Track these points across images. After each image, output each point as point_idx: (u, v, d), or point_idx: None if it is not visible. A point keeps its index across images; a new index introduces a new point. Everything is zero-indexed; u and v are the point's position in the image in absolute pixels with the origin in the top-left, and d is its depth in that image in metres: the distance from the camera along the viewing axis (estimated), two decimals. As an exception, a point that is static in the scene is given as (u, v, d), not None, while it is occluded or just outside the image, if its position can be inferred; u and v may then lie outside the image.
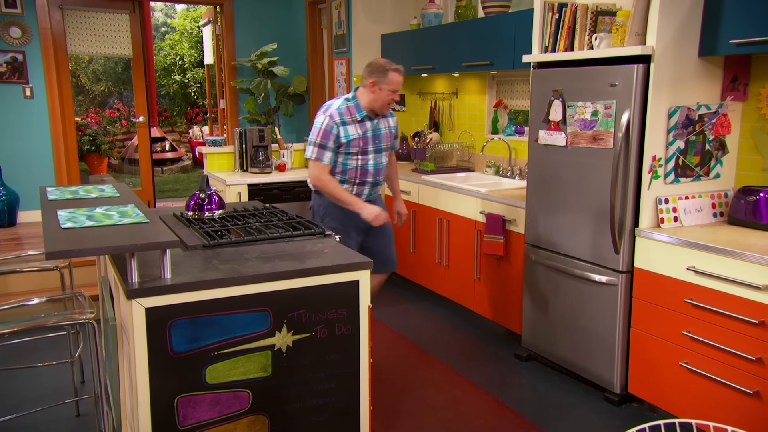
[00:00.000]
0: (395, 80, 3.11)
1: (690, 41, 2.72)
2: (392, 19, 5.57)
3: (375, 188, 3.31)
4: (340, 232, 2.97)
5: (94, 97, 12.19)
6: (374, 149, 3.23)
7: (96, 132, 9.08)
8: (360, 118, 3.15)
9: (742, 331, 2.39)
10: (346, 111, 3.14)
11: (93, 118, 9.59)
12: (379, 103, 3.12)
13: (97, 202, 2.66)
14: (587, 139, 2.97)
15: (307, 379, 2.25)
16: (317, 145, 3.12)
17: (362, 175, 3.22)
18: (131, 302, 1.92)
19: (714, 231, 2.72)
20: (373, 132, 3.21)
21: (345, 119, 3.13)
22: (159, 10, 12.47)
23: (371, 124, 3.20)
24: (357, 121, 3.15)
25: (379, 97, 3.11)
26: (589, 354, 3.08)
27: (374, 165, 3.24)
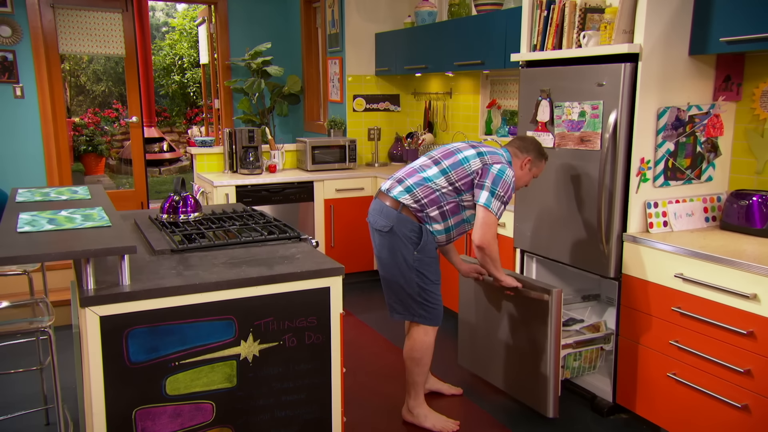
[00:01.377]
0: (543, 168, 2.88)
1: (680, 39, 2.62)
2: (386, 18, 5.48)
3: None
4: (435, 263, 2.73)
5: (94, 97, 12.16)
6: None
7: (93, 132, 9.03)
8: None
9: (731, 341, 2.28)
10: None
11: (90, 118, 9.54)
12: (522, 182, 2.82)
13: (65, 204, 2.58)
14: (575, 141, 2.87)
15: (274, 390, 2.17)
16: (503, 201, 2.63)
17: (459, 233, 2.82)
18: (85, 310, 1.84)
19: (705, 236, 2.61)
20: None
21: None
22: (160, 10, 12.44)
23: None
24: None
25: (524, 176, 2.80)
26: (577, 362, 2.98)
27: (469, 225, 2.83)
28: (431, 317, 2.79)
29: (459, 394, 3.14)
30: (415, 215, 2.71)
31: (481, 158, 2.68)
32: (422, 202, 2.69)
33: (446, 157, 2.74)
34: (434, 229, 2.72)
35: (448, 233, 2.76)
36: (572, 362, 2.88)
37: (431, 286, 2.75)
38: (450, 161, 2.71)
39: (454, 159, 2.71)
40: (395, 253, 2.71)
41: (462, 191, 2.69)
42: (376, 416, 2.99)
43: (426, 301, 2.76)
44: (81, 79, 11.92)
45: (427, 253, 2.71)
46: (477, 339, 3.12)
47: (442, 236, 2.76)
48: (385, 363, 3.54)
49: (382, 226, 2.73)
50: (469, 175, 2.67)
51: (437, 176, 2.69)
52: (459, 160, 2.70)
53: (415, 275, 2.72)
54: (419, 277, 2.71)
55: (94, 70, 11.93)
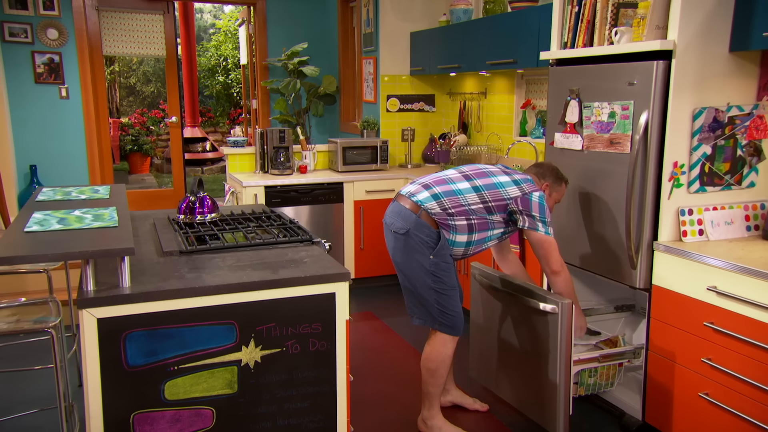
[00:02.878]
0: (564, 192, 2.83)
1: (719, 35, 2.44)
2: (422, 17, 5.38)
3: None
4: (452, 269, 2.65)
5: (144, 98, 12.44)
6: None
7: (139, 132, 9.23)
8: None
9: (766, 361, 2.11)
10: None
11: (137, 118, 9.76)
12: (552, 203, 2.78)
13: (82, 204, 2.59)
14: (604, 143, 2.72)
15: (277, 398, 2.11)
16: (550, 225, 2.62)
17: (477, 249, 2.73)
18: (82, 312, 1.82)
19: (744, 247, 2.43)
20: None
21: None
22: (208, 12, 12.64)
23: None
24: None
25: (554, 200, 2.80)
26: (605, 377, 2.82)
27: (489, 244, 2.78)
28: (450, 325, 2.69)
29: (484, 411, 3.01)
30: (434, 221, 2.62)
31: (518, 186, 2.63)
32: (450, 210, 2.61)
33: (479, 177, 2.69)
34: (455, 240, 2.63)
35: (467, 247, 2.66)
36: (587, 379, 2.73)
37: (448, 292, 2.65)
38: (483, 181, 2.67)
39: (488, 181, 2.67)
40: (411, 257, 2.65)
41: (494, 212, 2.64)
42: (390, 426, 2.90)
43: (444, 308, 2.66)
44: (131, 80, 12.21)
45: (443, 258, 2.62)
46: (487, 350, 2.99)
47: (460, 249, 2.66)
48: (407, 370, 3.45)
49: (399, 228, 2.66)
50: (505, 200, 2.63)
51: (468, 191, 2.63)
52: (494, 183, 2.66)
53: (431, 280, 2.63)
54: (436, 283, 2.63)
55: (144, 72, 12.21)
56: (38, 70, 5.90)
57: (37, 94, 5.92)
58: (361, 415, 2.98)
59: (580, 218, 2.91)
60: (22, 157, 5.94)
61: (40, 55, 5.88)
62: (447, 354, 2.72)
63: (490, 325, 2.95)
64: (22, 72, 5.84)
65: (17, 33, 5.80)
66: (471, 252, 2.70)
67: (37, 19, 5.82)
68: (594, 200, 2.82)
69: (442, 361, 2.72)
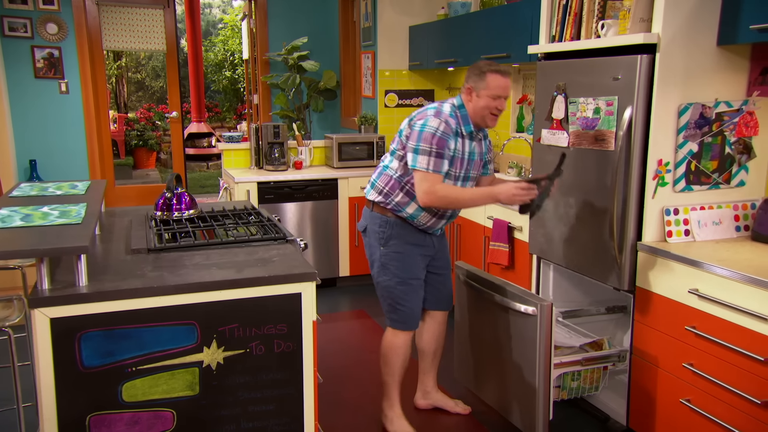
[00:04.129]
0: (496, 84, 2.49)
1: (707, 27, 2.35)
2: (421, 10, 5.30)
3: (450, 219, 2.72)
4: (407, 259, 2.62)
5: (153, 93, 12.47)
6: (464, 176, 2.61)
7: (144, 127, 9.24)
8: (466, 133, 2.57)
9: (747, 368, 2.02)
10: (456, 121, 2.55)
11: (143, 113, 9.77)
12: (478, 115, 2.54)
13: (55, 200, 2.56)
14: (589, 140, 2.64)
15: (241, 400, 2.06)
16: (433, 154, 2.45)
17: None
18: (34, 312, 1.78)
19: (730, 248, 2.34)
20: (470, 155, 2.61)
21: (457, 130, 2.54)
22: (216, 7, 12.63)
23: (470, 144, 2.61)
24: (462, 136, 2.57)
25: (476, 106, 2.53)
26: (589, 380, 2.75)
27: None
28: (398, 319, 2.69)
29: (465, 414, 2.94)
30: (385, 210, 2.64)
31: (410, 122, 2.57)
32: (385, 191, 2.63)
33: (394, 140, 2.66)
34: (410, 214, 2.60)
35: (423, 210, 2.60)
36: (570, 382, 2.66)
37: (399, 285, 2.64)
38: (394, 141, 2.65)
39: (396, 136, 2.65)
40: (371, 252, 2.72)
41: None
42: (368, 427, 2.84)
43: (394, 301, 2.67)
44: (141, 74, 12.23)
45: (393, 247, 2.62)
46: (469, 352, 2.93)
47: (424, 215, 2.60)
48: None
49: (360, 226, 2.74)
50: (404, 144, 2.56)
51: (390, 161, 2.64)
52: (397, 134, 2.64)
53: (383, 272, 2.66)
54: (387, 274, 2.64)
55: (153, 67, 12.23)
56: (38, 64, 5.90)
57: (36, 89, 5.92)
58: (342, 415, 2.94)
59: (565, 217, 2.83)
60: (21, 152, 5.95)
61: (39, 50, 5.88)
62: (397, 345, 2.71)
63: (473, 325, 2.88)
64: (21, 67, 5.84)
65: (17, 27, 5.80)
66: (439, 211, 2.62)
67: (36, 14, 5.82)
68: (579, 199, 2.73)
69: (392, 351, 2.72)
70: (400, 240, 2.62)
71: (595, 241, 2.64)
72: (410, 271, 2.64)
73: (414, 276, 2.66)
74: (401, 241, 2.62)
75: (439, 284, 2.82)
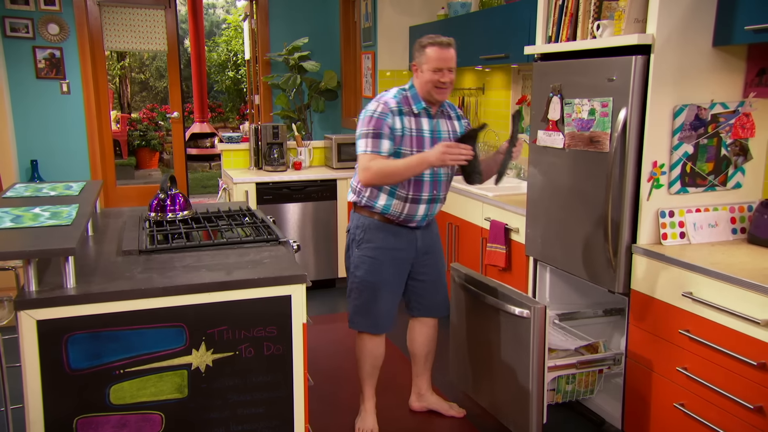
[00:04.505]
0: (435, 56, 2.48)
1: (703, 28, 2.33)
2: (421, 11, 5.29)
3: (433, 207, 2.65)
4: (376, 264, 2.62)
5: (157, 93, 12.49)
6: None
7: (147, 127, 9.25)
8: (417, 111, 2.57)
9: (741, 373, 2.00)
10: (404, 100, 2.58)
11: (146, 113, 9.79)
12: (424, 89, 2.54)
13: (49, 201, 2.55)
14: (584, 142, 2.62)
15: (230, 403, 2.05)
16: (370, 135, 2.48)
17: (416, 188, 2.57)
18: (20, 314, 1.78)
19: (725, 251, 2.31)
20: (431, 133, 2.58)
21: (402, 108, 2.55)
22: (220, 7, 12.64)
23: (429, 122, 2.60)
24: (413, 114, 2.57)
25: (421, 81, 2.53)
26: (584, 383, 2.73)
27: (431, 176, 2.58)
28: (364, 323, 2.71)
29: (460, 417, 2.93)
30: (361, 209, 2.68)
31: (364, 110, 2.62)
32: (357, 189, 2.67)
33: None
34: (383, 205, 2.61)
35: (394, 198, 2.59)
36: (565, 385, 2.64)
37: (368, 288, 2.66)
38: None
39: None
40: (347, 255, 2.78)
41: None
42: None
43: (360, 303, 2.69)
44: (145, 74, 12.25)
45: (365, 251, 2.65)
46: (464, 354, 2.91)
47: (395, 203, 2.59)
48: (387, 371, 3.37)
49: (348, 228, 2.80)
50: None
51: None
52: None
53: (353, 274, 2.71)
54: (355, 276, 2.69)
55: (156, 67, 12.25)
56: (39, 65, 5.91)
57: (38, 90, 5.93)
58: (336, 416, 2.92)
59: (561, 219, 2.81)
60: (23, 152, 5.96)
61: (41, 50, 5.89)
62: (364, 346, 2.76)
63: (468, 327, 2.86)
64: (23, 67, 5.85)
65: (18, 28, 5.81)
66: (408, 194, 2.58)
67: (38, 14, 5.83)
68: (575, 200, 2.71)
69: (360, 352, 2.79)
70: (373, 244, 2.63)
71: (590, 243, 2.62)
72: (379, 275, 2.64)
73: (382, 281, 2.65)
74: (373, 245, 2.63)
75: (423, 291, 2.79)
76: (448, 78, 2.51)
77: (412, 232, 2.69)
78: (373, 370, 2.80)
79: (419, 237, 2.71)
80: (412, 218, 2.63)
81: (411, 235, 2.68)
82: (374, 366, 2.80)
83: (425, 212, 2.65)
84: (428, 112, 2.59)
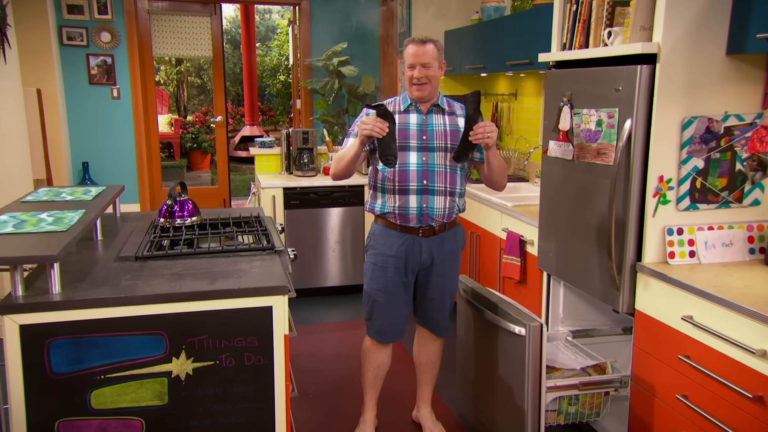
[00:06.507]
0: (409, 53, 2.53)
1: (715, 35, 2.19)
2: (457, 15, 5.22)
3: (428, 199, 2.57)
4: (378, 271, 2.63)
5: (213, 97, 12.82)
6: (419, 146, 2.55)
7: (198, 130, 9.52)
8: (403, 109, 2.61)
9: (738, 404, 1.87)
10: (395, 101, 2.65)
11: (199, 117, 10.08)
12: (407, 87, 2.59)
13: (63, 205, 2.64)
14: (592, 153, 2.51)
15: (210, 412, 2.07)
16: (348, 135, 2.68)
17: (401, 178, 2.55)
18: (3, 318, 1.85)
19: (734, 272, 2.17)
20: (419, 126, 2.57)
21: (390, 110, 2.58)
22: (276, 12, 12.87)
23: (418, 117, 2.59)
24: (401, 112, 2.61)
25: (405, 79, 2.58)
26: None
27: (419, 165, 2.54)
28: (370, 328, 2.75)
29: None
30: (373, 215, 2.73)
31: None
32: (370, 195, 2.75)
33: None
34: (380, 207, 2.65)
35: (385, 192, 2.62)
36: (567, 407, 2.53)
37: (371, 296, 2.69)
38: None
39: None
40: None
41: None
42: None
43: (368, 309, 2.73)
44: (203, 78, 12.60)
45: (370, 257, 2.69)
46: (468, 369, 2.84)
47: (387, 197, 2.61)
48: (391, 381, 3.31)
49: None
50: None
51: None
52: None
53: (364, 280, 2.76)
54: (365, 282, 2.74)
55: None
56: (92, 71, 6.17)
57: (90, 95, 6.19)
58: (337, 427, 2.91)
59: (570, 233, 2.71)
60: (75, 155, 6.24)
61: (94, 57, 6.15)
62: (367, 350, 2.79)
63: (472, 342, 2.80)
64: (77, 73, 6.12)
65: (74, 36, 6.08)
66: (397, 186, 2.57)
67: (92, 23, 6.09)
68: (582, 214, 2.61)
69: (363, 356, 2.81)
70: (375, 250, 2.65)
71: (597, 260, 2.52)
72: (380, 283, 2.63)
73: (384, 290, 2.63)
74: (375, 251, 2.65)
75: (425, 305, 2.74)
76: (421, 74, 2.50)
77: (416, 241, 2.61)
78: (375, 379, 2.77)
79: (424, 248, 2.62)
80: (406, 212, 2.57)
81: (415, 244, 2.61)
82: (376, 375, 2.77)
83: (418, 204, 2.57)
84: (417, 108, 2.60)
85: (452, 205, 2.61)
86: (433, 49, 2.54)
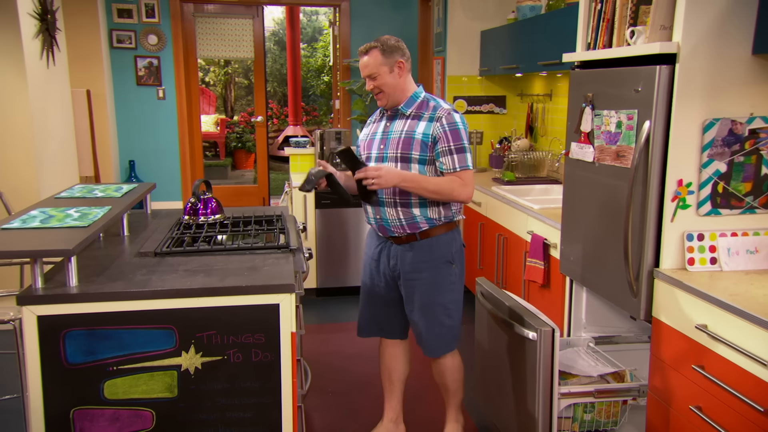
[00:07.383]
0: (360, 64, 2.49)
1: (739, 34, 2.11)
2: (494, 15, 5.17)
3: (380, 210, 2.51)
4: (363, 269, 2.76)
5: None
6: (377, 156, 2.50)
7: (243, 130, 9.71)
8: (378, 117, 2.63)
9: (750, 417, 1.79)
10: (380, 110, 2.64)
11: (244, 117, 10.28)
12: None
13: (95, 202, 2.75)
14: (612, 156, 2.45)
15: (219, 405, 2.12)
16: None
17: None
18: (23, 309, 1.93)
19: (756, 280, 2.08)
20: (382, 134, 2.53)
21: (372, 119, 2.66)
22: (323, 14, 13.00)
23: (384, 125, 2.55)
24: (375, 121, 2.64)
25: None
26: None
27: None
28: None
29: None
30: None
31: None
32: None
33: None
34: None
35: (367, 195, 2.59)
36: (582, 414, 2.47)
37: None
38: None
39: None
40: None
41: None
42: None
43: None
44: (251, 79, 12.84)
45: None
46: (484, 373, 2.81)
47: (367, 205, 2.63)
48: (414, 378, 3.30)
49: None
50: None
51: None
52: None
53: None
54: None
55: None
56: (140, 72, 6.38)
57: (138, 95, 6.41)
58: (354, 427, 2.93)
59: (590, 237, 2.65)
60: (123, 154, 6.47)
61: (141, 59, 6.36)
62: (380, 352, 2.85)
63: (487, 346, 2.77)
64: (125, 74, 6.35)
65: (123, 39, 6.30)
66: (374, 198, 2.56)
67: (140, 26, 6.30)
68: (602, 218, 2.55)
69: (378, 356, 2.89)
70: (366, 249, 2.79)
71: (615, 265, 2.45)
72: (364, 277, 2.76)
73: (364, 284, 2.76)
74: (365, 250, 2.79)
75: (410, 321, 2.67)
76: (371, 85, 2.47)
77: (387, 246, 2.61)
78: (388, 383, 2.78)
79: (393, 254, 2.58)
80: (370, 221, 2.66)
81: (385, 249, 2.62)
82: (388, 378, 2.77)
83: (374, 215, 2.57)
84: (385, 114, 2.61)
85: (409, 216, 2.47)
86: (376, 56, 2.41)
